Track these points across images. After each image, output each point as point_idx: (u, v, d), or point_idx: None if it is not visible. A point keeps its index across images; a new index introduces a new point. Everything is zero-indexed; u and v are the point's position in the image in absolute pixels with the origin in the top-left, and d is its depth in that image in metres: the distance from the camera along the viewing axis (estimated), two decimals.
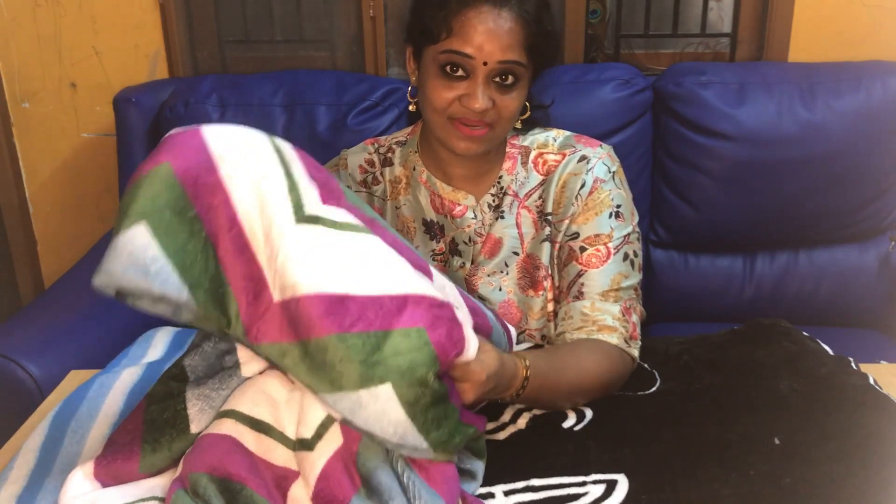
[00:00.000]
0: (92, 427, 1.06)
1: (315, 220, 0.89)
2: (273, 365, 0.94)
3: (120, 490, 0.90)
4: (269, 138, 0.91)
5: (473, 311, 1.02)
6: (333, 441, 0.89)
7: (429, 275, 0.98)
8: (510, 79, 1.14)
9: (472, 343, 0.90)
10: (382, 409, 0.83)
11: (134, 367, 1.19)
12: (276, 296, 0.86)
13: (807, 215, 1.95)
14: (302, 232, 0.88)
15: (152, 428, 0.92)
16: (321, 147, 1.90)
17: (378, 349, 0.83)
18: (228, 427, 0.91)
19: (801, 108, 1.88)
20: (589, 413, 1.10)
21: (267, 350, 0.87)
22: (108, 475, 0.91)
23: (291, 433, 0.92)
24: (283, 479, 0.89)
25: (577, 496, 0.94)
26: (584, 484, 0.96)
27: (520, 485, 0.96)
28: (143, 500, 0.89)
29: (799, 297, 2.00)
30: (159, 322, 1.39)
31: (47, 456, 1.01)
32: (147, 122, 2.09)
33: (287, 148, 0.92)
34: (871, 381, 1.11)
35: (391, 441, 0.85)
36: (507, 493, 0.95)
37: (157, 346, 1.30)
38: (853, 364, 1.16)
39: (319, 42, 2.35)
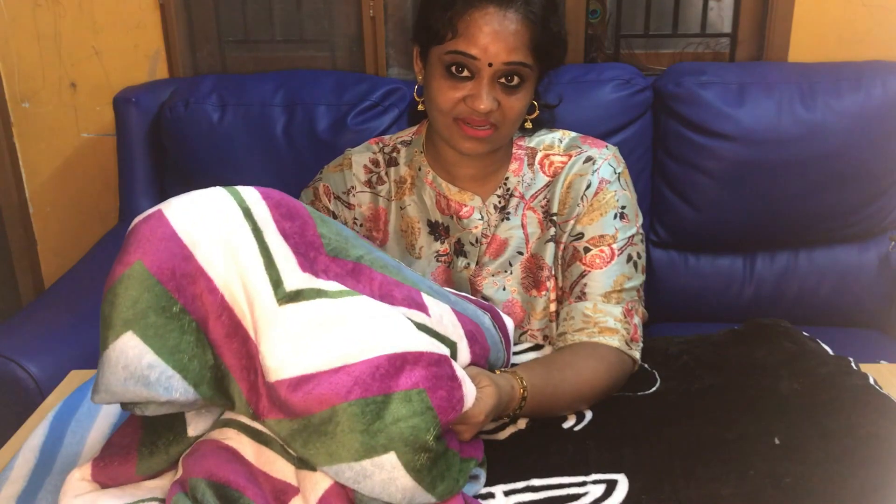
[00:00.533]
0: (92, 427, 1.06)
1: (297, 295, 0.87)
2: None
3: (120, 492, 0.90)
4: (236, 203, 0.88)
5: (471, 337, 1.01)
6: None
7: (423, 308, 0.97)
8: (515, 80, 1.14)
9: (470, 395, 0.90)
10: (389, 478, 0.82)
11: None
12: (267, 377, 0.86)
13: (807, 215, 1.95)
14: (285, 314, 0.86)
15: (150, 431, 0.92)
16: (321, 147, 1.90)
17: (379, 417, 0.83)
18: (229, 436, 0.91)
19: (801, 108, 1.88)
20: (589, 413, 1.10)
21: (270, 426, 0.87)
22: (106, 477, 0.91)
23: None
24: (281, 493, 0.88)
25: (577, 496, 0.94)
26: (584, 484, 0.96)
27: (520, 485, 0.96)
28: (143, 501, 0.89)
29: (799, 297, 2.00)
30: None
31: (47, 456, 1.01)
32: (147, 122, 2.09)
33: (257, 206, 0.89)
34: (871, 381, 1.11)
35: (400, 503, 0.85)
36: (507, 493, 0.95)
37: None
38: (853, 364, 1.16)
39: (319, 42, 2.34)
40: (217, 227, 0.86)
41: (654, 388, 1.15)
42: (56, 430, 1.05)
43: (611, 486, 0.95)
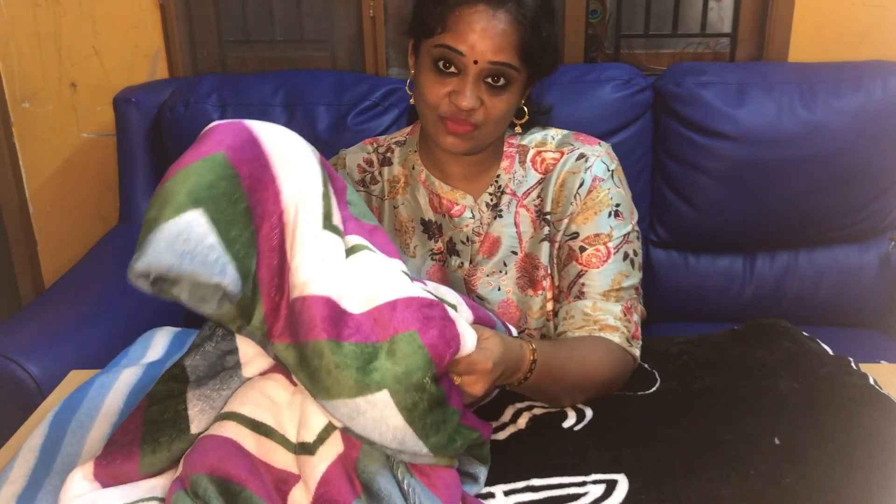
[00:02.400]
0: (92, 427, 1.06)
1: (338, 230, 0.92)
2: (275, 367, 0.94)
3: (120, 490, 0.90)
4: (303, 140, 0.94)
5: (473, 307, 1.02)
6: (335, 446, 0.89)
7: (422, 283, 0.99)
8: (501, 81, 1.14)
9: (468, 337, 0.90)
10: (380, 416, 0.83)
11: (134, 367, 1.19)
12: (291, 293, 0.87)
13: (807, 215, 1.95)
14: (326, 238, 0.89)
15: (152, 428, 0.92)
16: (321, 147, 1.86)
17: (375, 357, 0.84)
18: (229, 429, 0.91)
19: (801, 108, 1.88)
20: (589, 413, 1.10)
21: (278, 350, 0.87)
22: (108, 475, 0.91)
23: (293, 436, 0.92)
24: (283, 483, 0.89)
25: (577, 496, 0.94)
26: (584, 484, 0.96)
27: (520, 485, 0.96)
28: (143, 500, 0.89)
29: (799, 297, 2.00)
30: (159, 322, 1.40)
31: (47, 456, 1.01)
32: (147, 122, 2.09)
33: (316, 152, 0.96)
34: (871, 381, 1.11)
35: (390, 447, 0.85)
36: (507, 493, 0.95)
37: (157, 346, 1.30)
38: (853, 364, 1.16)
39: (319, 42, 2.35)
40: (294, 147, 0.90)
41: (653, 388, 1.15)
42: (56, 430, 1.05)
43: (611, 486, 0.95)
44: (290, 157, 0.89)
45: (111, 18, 2.22)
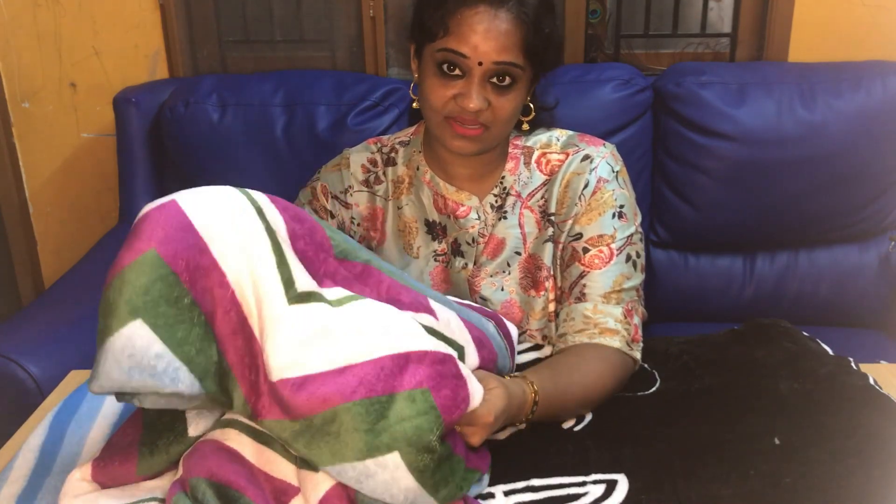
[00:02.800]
0: (92, 427, 1.06)
1: (307, 297, 0.87)
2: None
3: (119, 492, 0.90)
4: (249, 201, 0.87)
5: (479, 342, 1.01)
6: None
7: (431, 312, 0.97)
8: (507, 80, 1.14)
9: (476, 394, 0.90)
10: (392, 478, 0.82)
11: None
12: (269, 376, 0.85)
13: (807, 215, 1.95)
14: (294, 314, 0.86)
15: (150, 430, 0.92)
16: (321, 147, 1.90)
17: (383, 416, 0.82)
18: (230, 437, 0.91)
19: (801, 108, 1.88)
20: (589, 413, 1.10)
21: (269, 426, 0.86)
22: (106, 477, 0.91)
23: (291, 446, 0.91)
24: (282, 493, 0.88)
25: (577, 496, 0.94)
26: (584, 484, 0.96)
27: (520, 485, 0.96)
28: (143, 501, 0.89)
29: (799, 297, 2.00)
30: None
31: (47, 456, 1.01)
32: (147, 122, 2.09)
33: (267, 206, 0.89)
34: (871, 381, 1.11)
35: None
36: (507, 493, 0.95)
37: None
38: (853, 364, 1.16)
39: (319, 42, 2.34)
40: (232, 221, 0.85)
41: (653, 388, 1.15)
42: (56, 430, 1.05)
43: (611, 486, 0.95)
44: (228, 232, 0.84)
45: (111, 18, 2.22)
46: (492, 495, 0.95)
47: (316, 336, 0.86)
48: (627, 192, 1.25)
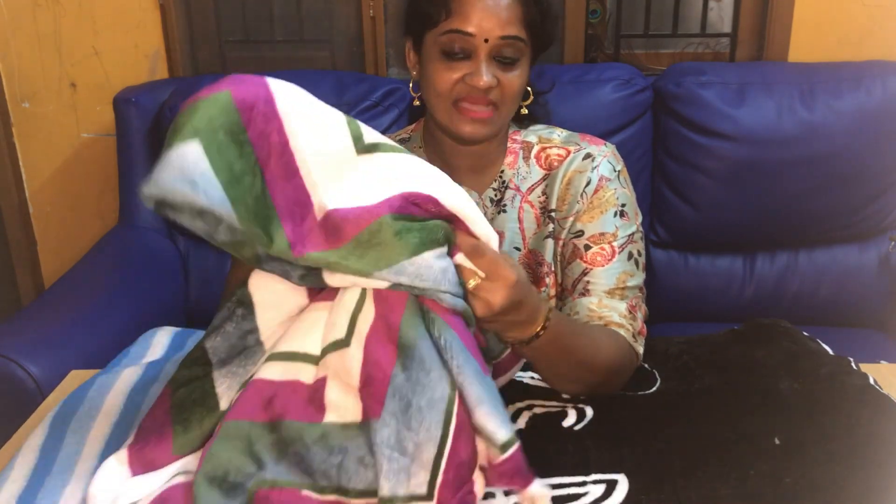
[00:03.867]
0: (92, 427, 1.06)
1: (374, 147, 0.93)
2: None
3: (146, 478, 0.91)
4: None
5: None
6: (367, 319, 0.90)
7: None
8: (511, 55, 1.15)
9: (493, 234, 0.94)
10: (449, 264, 0.89)
11: (134, 367, 1.19)
12: (319, 216, 0.89)
13: (807, 215, 1.95)
14: (363, 163, 0.92)
15: (181, 409, 0.93)
16: None
17: (419, 220, 0.89)
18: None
19: (801, 108, 1.88)
20: (589, 413, 1.10)
21: (314, 258, 0.89)
22: (142, 460, 0.92)
23: (317, 349, 0.93)
24: (314, 392, 0.91)
25: (577, 496, 0.94)
26: (584, 484, 0.96)
27: None
28: (174, 476, 0.90)
29: (799, 297, 2.00)
30: (160, 322, 1.40)
31: (47, 456, 1.01)
32: (147, 122, 2.09)
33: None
34: (871, 381, 1.11)
35: (452, 291, 0.89)
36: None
37: (157, 346, 1.30)
38: (853, 364, 1.16)
39: (319, 42, 2.35)
40: (306, 97, 0.94)
41: (654, 388, 1.15)
42: (56, 430, 1.05)
43: (611, 486, 0.95)
44: (298, 99, 0.93)
45: (111, 18, 2.22)
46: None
47: (378, 182, 0.91)
48: (629, 191, 1.25)
